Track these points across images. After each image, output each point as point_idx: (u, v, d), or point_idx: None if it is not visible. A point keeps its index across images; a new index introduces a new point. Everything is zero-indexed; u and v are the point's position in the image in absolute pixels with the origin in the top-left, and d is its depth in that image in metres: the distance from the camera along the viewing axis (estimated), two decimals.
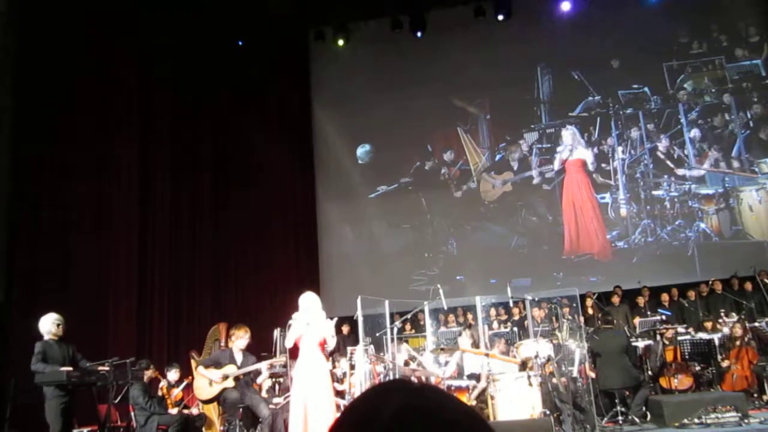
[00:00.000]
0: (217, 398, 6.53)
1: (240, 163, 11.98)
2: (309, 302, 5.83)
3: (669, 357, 8.01)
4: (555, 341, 7.19)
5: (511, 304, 9.65)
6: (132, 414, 6.86)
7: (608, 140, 12.10)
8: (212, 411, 7.50)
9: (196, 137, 11.29)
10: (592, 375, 7.18)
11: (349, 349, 7.35)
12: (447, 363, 7.05)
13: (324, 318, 5.86)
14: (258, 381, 6.89)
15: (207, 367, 6.50)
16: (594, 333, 7.68)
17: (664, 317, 9.19)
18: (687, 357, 7.96)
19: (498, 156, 12.48)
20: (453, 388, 6.21)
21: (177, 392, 7.46)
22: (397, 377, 6.27)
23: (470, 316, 9.64)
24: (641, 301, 9.96)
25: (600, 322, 7.96)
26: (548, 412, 5.85)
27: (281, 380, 7.47)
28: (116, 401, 6.68)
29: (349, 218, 12.69)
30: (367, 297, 7.56)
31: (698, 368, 8.04)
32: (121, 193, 9.51)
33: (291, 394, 5.89)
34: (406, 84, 12.46)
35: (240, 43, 12.29)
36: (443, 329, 9.62)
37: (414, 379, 5.91)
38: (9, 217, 8.05)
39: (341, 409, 2.05)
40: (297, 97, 12.84)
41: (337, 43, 12.87)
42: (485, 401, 6.07)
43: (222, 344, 7.73)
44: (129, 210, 9.53)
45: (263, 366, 6.68)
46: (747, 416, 6.30)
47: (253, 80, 12.07)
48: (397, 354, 6.90)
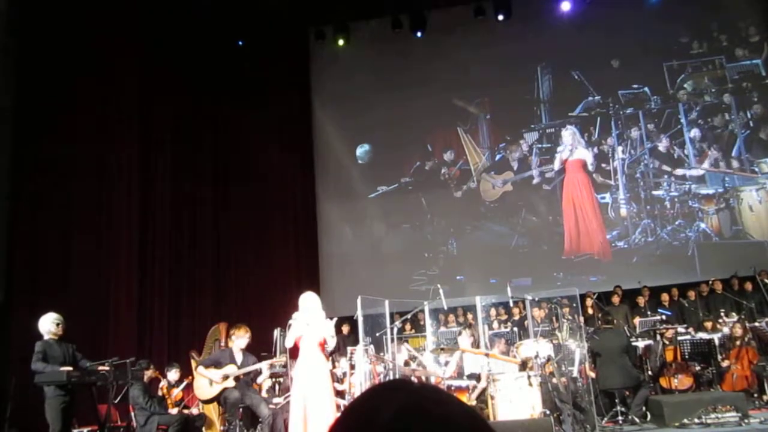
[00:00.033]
0: (218, 398, 6.52)
1: (240, 163, 11.98)
2: (309, 302, 5.83)
3: (669, 357, 8.01)
4: (555, 341, 7.19)
5: (511, 304, 9.64)
6: (132, 414, 6.87)
7: (608, 140, 12.11)
8: (212, 411, 7.50)
9: (196, 137, 11.29)
10: (592, 375, 7.18)
11: (349, 349, 7.35)
12: (447, 363, 7.05)
13: (324, 318, 5.86)
14: (258, 381, 6.90)
15: (207, 367, 6.50)
16: (594, 333, 7.67)
17: (664, 317, 9.19)
18: (687, 357, 7.96)
19: (498, 156, 12.48)
20: (453, 388, 6.21)
21: (177, 392, 7.46)
22: (397, 377, 6.27)
23: (470, 316, 9.63)
24: (641, 301, 9.96)
25: (600, 322, 7.96)
26: (548, 412, 5.85)
27: (281, 380, 7.48)
28: (116, 401, 6.69)
29: (349, 218, 12.69)
30: (367, 297, 7.56)
31: (698, 368, 8.04)
32: (121, 193, 9.51)
33: (291, 394, 5.89)
34: (406, 84, 12.46)
35: (240, 43, 12.29)
36: (443, 329, 9.62)
37: (414, 379, 5.92)
38: (9, 217, 8.05)
39: (341, 409, 2.05)
40: (297, 97, 12.84)
41: (338, 43, 12.87)
42: (485, 401, 6.07)
43: (222, 344, 7.73)
44: (129, 210, 9.53)
45: (264, 366, 6.68)
46: (747, 416, 6.30)
47: (253, 80, 12.06)
48: (397, 354, 6.90)
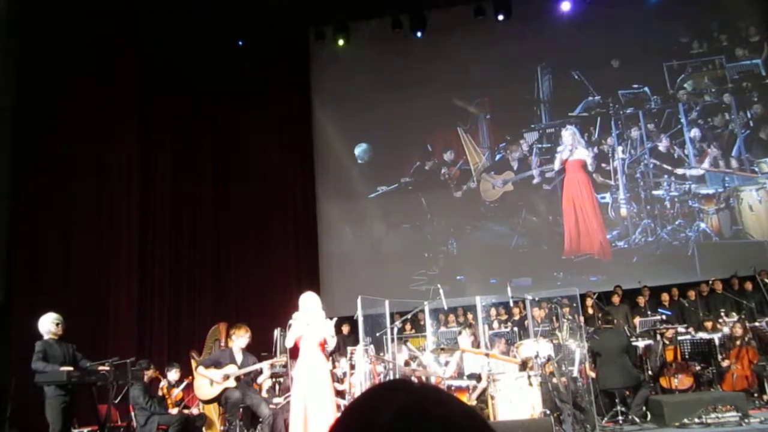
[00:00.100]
0: (219, 398, 6.52)
1: (240, 163, 11.98)
2: (309, 302, 5.83)
3: (669, 357, 8.00)
4: (555, 341, 7.19)
5: (512, 304, 9.64)
6: (132, 414, 6.86)
7: (608, 140, 12.10)
8: (212, 411, 7.50)
9: (196, 137, 11.29)
10: (593, 375, 7.18)
11: (349, 349, 7.35)
12: (447, 363, 7.04)
13: (324, 318, 5.86)
14: (259, 381, 6.90)
15: (207, 367, 6.50)
16: (594, 333, 7.67)
17: (665, 317, 9.18)
18: (687, 357, 7.96)
19: (498, 156, 12.48)
20: (453, 388, 6.21)
21: (177, 392, 7.46)
22: (397, 377, 6.27)
23: (470, 316, 9.63)
24: (641, 301, 9.96)
25: (600, 322, 7.96)
26: (548, 412, 5.85)
27: (281, 380, 7.48)
28: (116, 401, 6.69)
29: (349, 218, 12.69)
30: (367, 297, 7.56)
31: (698, 368, 8.04)
32: (121, 193, 9.51)
33: (291, 394, 5.90)
34: (406, 84, 12.46)
35: (240, 43, 12.29)
36: (443, 329, 9.62)
37: (414, 379, 5.92)
38: (9, 217, 8.05)
39: (341, 409, 2.05)
40: (297, 97, 12.83)
41: (338, 43, 12.87)
42: (485, 401, 6.07)
43: (222, 344, 7.73)
44: (129, 210, 9.53)
45: (265, 366, 6.68)
46: (747, 416, 6.30)
47: (253, 80, 12.06)
48: (397, 354, 6.90)
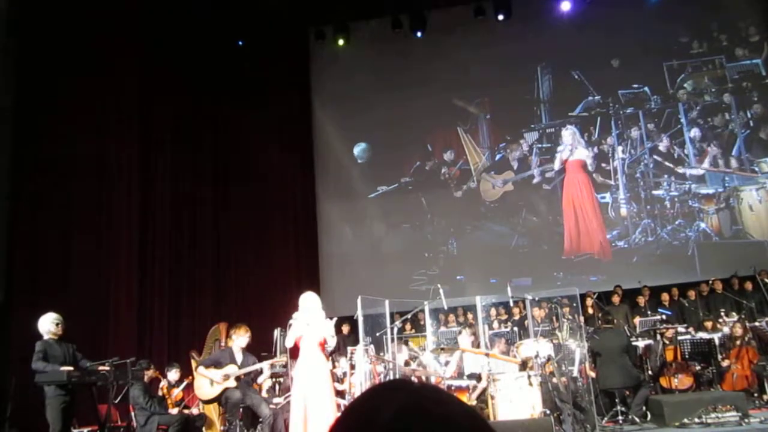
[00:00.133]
0: (219, 398, 6.52)
1: (240, 163, 11.98)
2: (309, 302, 5.83)
3: (669, 356, 8.00)
4: (555, 341, 7.19)
5: (512, 304, 9.65)
6: (132, 414, 6.86)
7: (608, 140, 12.10)
8: (212, 411, 7.50)
9: (196, 137, 11.29)
10: (593, 375, 7.18)
11: (349, 349, 7.35)
12: (447, 363, 7.05)
13: (324, 318, 5.86)
14: (259, 381, 6.90)
15: (207, 367, 6.50)
16: (594, 332, 7.68)
17: (665, 317, 9.18)
18: (687, 356, 7.96)
19: (498, 156, 12.48)
20: (453, 388, 6.21)
21: (177, 392, 7.46)
22: (397, 377, 6.27)
23: (470, 316, 9.63)
24: (641, 301, 9.96)
25: (600, 322, 7.97)
26: (548, 412, 5.85)
27: (281, 380, 7.48)
28: (116, 401, 6.69)
29: (349, 218, 12.69)
30: (367, 297, 7.56)
31: (698, 368, 8.04)
32: (121, 193, 9.51)
33: (291, 394, 5.90)
34: (406, 84, 12.46)
35: (240, 43, 12.28)
36: (443, 329, 9.62)
37: (414, 379, 5.92)
38: (9, 217, 8.05)
39: (341, 409, 2.05)
40: (297, 97, 12.83)
41: (338, 43, 12.87)
42: (485, 401, 6.07)
43: (222, 344, 7.73)
44: (129, 210, 9.53)
45: (266, 366, 6.68)
46: (747, 416, 6.30)
47: (253, 80, 12.06)
48: (397, 354, 6.90)
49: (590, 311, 9.72)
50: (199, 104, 11.28)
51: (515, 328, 9.18)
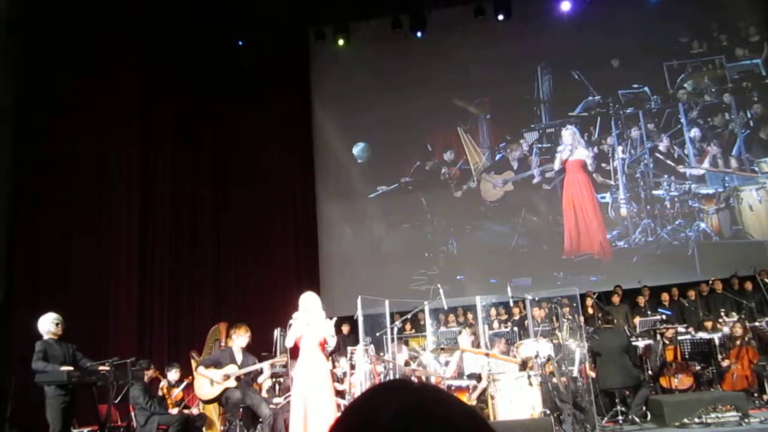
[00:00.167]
0: (219, 398, 6.52)
1: (240, 163, 11.98)
2: (309, 302, 5.83)
3: (669, 356, 8.00)
4: (555, 341, 7.19)
5: (512, 304, 9.65)
6: (132, 414, 6.86)
7: (608, 140, 12.11)
8: (212, 411, 7.50)
9: (196, 137, 11.29)
10: (593, 375, 7.18)
11: (349, 349, 7.35)
12: (447, 363, 7.05)
13: (324, 318, 5.86)
14: (259, 381, 6.90)
15: (207, 367, 6.50)
16: (594, 332, 7.68)
17: (665, 317, 9.19)
18: (687, 356, 7.96)
19: (498, 156, 12.48)
20: (453, 388, 6.21)
21: (177, 392, 7.46)
22: (397, 377, 6.27)
23: (470, 316, 9.64)
24: (641, 301, 9.96)
25: (600, 322, 7.96)
26: (548, 412, 5.85)
27: (281, 380, 7.48)
28: (116, 401, 6.69)
29: (349, 218, 12.69)
30: (367, 297, 7.56)
31: (698, 368, 8.04)
32: (121, 193, 9.51)
33: (291, 394, 5.90)
34: (406, 84, 12.46)
35: (240, 43, 12.28)
36: (443, 329, 9.62)
37: (414, 379, 5.92)
38: (9, 217, 8.05)
39: (341, 409, 2.05)
40: (297, 97, 12.84)
41: (338, 43, 12.87)
42: (485, 401, 6.07)
43: (222, 344, 7.73)
44: (129, 210, 9.53)
45: (266, 366, 6.68)
46: (747, 416, 6.30)
47: (253, 80, 12.06)
48: (398, 354, 6.90)
49: (590, 311, 9.72)
50: (199, 104, 11.28)
51: (515, 328, 9.19)
